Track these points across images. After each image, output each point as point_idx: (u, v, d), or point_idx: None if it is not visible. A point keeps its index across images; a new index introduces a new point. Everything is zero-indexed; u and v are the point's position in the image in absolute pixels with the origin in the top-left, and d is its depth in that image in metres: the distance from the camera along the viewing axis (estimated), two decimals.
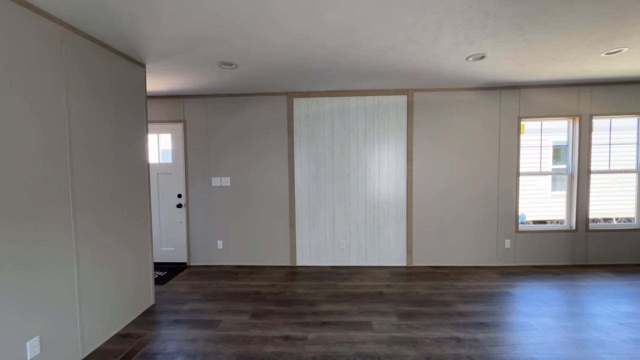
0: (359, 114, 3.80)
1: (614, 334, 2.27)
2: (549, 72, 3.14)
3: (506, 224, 3.81)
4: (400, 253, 3.88)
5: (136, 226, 2.64)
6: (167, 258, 4.10)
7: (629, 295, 2.92)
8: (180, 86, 3.47)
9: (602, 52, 2.58)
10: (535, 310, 2.66)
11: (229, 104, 3.89)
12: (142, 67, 2.73)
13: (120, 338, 2.33)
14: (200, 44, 2.32)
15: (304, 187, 3.89)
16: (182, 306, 2.85)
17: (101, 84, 2.25)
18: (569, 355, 2.04)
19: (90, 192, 2.14)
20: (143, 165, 2.74)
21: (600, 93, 3.66)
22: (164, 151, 4.03)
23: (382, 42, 2.34)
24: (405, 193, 3.84)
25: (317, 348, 2.16)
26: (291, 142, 3.84)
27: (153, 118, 3.94)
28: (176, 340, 2.28)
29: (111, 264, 2.35)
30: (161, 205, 4.05)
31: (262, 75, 3.12)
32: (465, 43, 2.36)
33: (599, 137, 3.82)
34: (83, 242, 2.08)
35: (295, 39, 2.25)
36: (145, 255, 2.77)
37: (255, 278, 3.53)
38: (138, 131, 2.67)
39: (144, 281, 2.76)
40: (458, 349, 2.12)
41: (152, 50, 2.43)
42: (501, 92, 3.71)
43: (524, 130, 3.86)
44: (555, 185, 3.94)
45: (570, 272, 3.54)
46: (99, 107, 2.23)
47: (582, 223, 3.77)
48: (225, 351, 2.14)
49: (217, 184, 3.96)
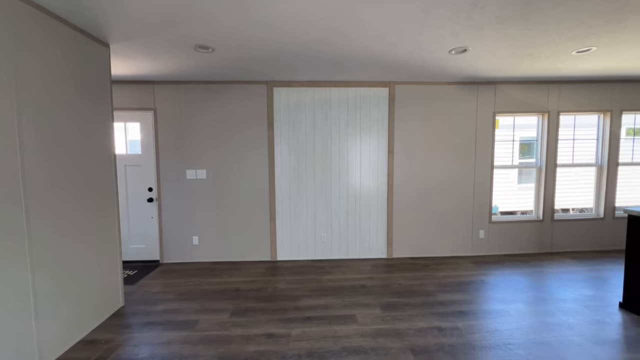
0: (341, 106, 3.73)
1: (579, 317, 2.42)
2: (524, 68, 3.25)
3: (481, 215, 3.96)
4: (381, 245, 3.92)
5: (102, 222, 2.42)
6: (137, 256, 3.83)
7: (590, 279, 3.15)
8: (150, 70, 3.20)
9: (574, 50, 2.70)
10: (509, 296, 2.79)
11: (204, 91, 3.66)
12: (105, 47, 2.46)
13: (86, 345, 2.13)
14: (173, 23, 2.12)
15: (284, 179, 3.79)
16: (155, 307, 2.67)
17: (57, 65, 1.99)
18: (541, 338, 2.15)
19: (46, 189, 1.90)
20: (109, 157, 2.50)
21: (567, 91, 3.87)
22: (132, 141, 3.73)
23: (368, 31, 2.27)
24: (387, 185, 3.85)
25: (302, 344, 2.10)
26: (271, 133, 3.70)
27: (119, 105, 3.62)
28: (150, 344, 2.13)
29: (72, 264, 2.13)
30: (130, 200, 3.76)
31: (241, 62, 2.95)
32: (449, 35, 2.35)
33: (564, 133, 4.06)
34: (38, 243, 1.85)
35: (280, 21, 2.12)
36: (112, 254, 2.55)
37: (234, 274, 3.40)
38: (102, 119, 2.42)
39: (111, 281, 2.54)
40: (440, 338, 2.16)
41: (118, 28, 2.19)
42: (478, 88, 3.80)
43: (498, 125, 4.00)
44: (522, 178, 4.14)
45: (537, 260, 3.76)
46: (55, 92, 1.98)
47: (549, 213, 4.01)
48: (205, 353, 2.03)
49: (192, 177, 3.74)
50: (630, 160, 4.12)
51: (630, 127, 4.14)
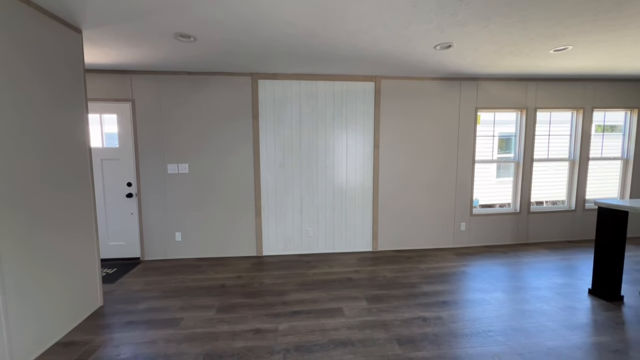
0: (327, 99, 3.71)
1: (553, 303, 2.56)
2: (505, 65, 3.34)
3: (462, 208, 4.08)
4: (366, 238, 3.97)
5: (78, 219, 2.30)
6: (116, 254, 3.69)
7: (562, 268, 3.33)
8: (127, 59, 3.04)
9: (552, 48, 2.79)
10: (489, 286, 2.90)
11: (186, 83, 3.52)
12: (78, 33, 2.31)
13: (62, 347, 2.04)
14: (152, 9, 2.01)
15: (270, 174, 3.74)
16: (137, 305, 2.59)
17: (24, 52, 1.85)
18: (519, 325, 2.25)
19: (14, 184, 1.77)
20: (83, 151, 2.37)
21: (544, 88, 4.03)
22: (109, 134, 3.55)
23: (355, 24, 2.25)
24: (372, 179, 3.89)
25: (290, 339, 2.10)
26: (256, 126, 3.63)
27: (94, 96, 3.43)
28: (132, 344, 2.06)
29: (46, 263, 2.01)
30: (107, 195, 3.59)
31: (225, 52, 2.85)
32: (435, 30, 2.37)
33: (541, 129, 4.23)
34: (6, 242, 1.73)
35: (266, 12, 2.06)
36: (89, 251, 2.43)
37: (219, 270, 3.34)
38: (75, 110, 2.28)
39: (88, 280, 2.43)
40: (425, 328, 2.22)
41: (91, 12, 2.06)
42: (461, 83, 3.88)
43: (479, 120, 4.11)
44: (500, 172, 4.30)
45: (514, 250, 3.93)
46: (21, 81, 1.84)
47: (525, 206, 4.19)
48: (190, 351, 1.99)
49: (173, 171, 3.62)
50: (599, 155, 4.36)
51: (600, 124, 4.37)
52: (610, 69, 3.54)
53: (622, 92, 4.16)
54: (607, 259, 2.57)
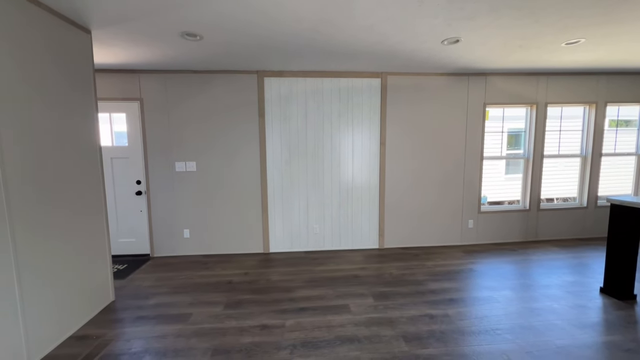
0: (333, 96, 3.69)
1: (563, 302, 2.52)
2: (514, 59, 3.27)
3: (470, 205, 4.03)
4: (372, 236, 3.96)
5: (89, 217, 2.35)
6: (127, 250, 3.77)
7: (572, 266, 3.27)
8: (135, 59, 3.08)
9: (563, 42, 2.72)
10: (497, 284, 2.87)
11: (193, 81, 3.55)
12: (87, 34, 2.35)
13: (76, 340, 2.10)
14: (159, 8, 2.03)
15: (276, 171, 3.75)
16: (147, 301, 2.65)
17: (36, 53, 1.89)
18: (527, 323, 2.23)
19: (28, 183, 1.82)
20: (94, 149, 2.41)
21: (555, 83, 3.93)
22: (119, 133, 3.61)
23: (361, 20, 2.23)
24: (378, 176, 3.87)
25: (296, 335, 2.12)
26: (262, 124, 3.64)
27: (104, 95, 3.49)
28: (142, 338, 2.11)
29: (59, 260, 2.07)
30: (117, 193, 3.66)
31: (231, 50, 2.87)
32: (442, 25, 2.34)
33: (551, 124, 4.14)
34: (22, 240, 1.78)
35: (271, 9, 2.06)
36: (101, 248, 2.49)
37: (226, 267, 3.39)
38: (85, 110, 2.33)
39: (100, 276, 2.49)
40: (432, 325, 2.21)
41: (99, 13, 2.08)
42: (469, 79, 3.82)
43: (488, 116, 4.05)
44: (509, 168, 4.23)
45: (523, 248, 3.87)
46: (34, 82, 1.88)
47: (535, 203, 4.12)
48: (199, 346, 2.02)
49: (181, 169, 3.66)
50: (613, 151, 4.25)
51: (614, 118, 4.26)
52: (624, 62, 3.44)
53: (637, 86, 4.03)
54: (620, 256, 2.51)
